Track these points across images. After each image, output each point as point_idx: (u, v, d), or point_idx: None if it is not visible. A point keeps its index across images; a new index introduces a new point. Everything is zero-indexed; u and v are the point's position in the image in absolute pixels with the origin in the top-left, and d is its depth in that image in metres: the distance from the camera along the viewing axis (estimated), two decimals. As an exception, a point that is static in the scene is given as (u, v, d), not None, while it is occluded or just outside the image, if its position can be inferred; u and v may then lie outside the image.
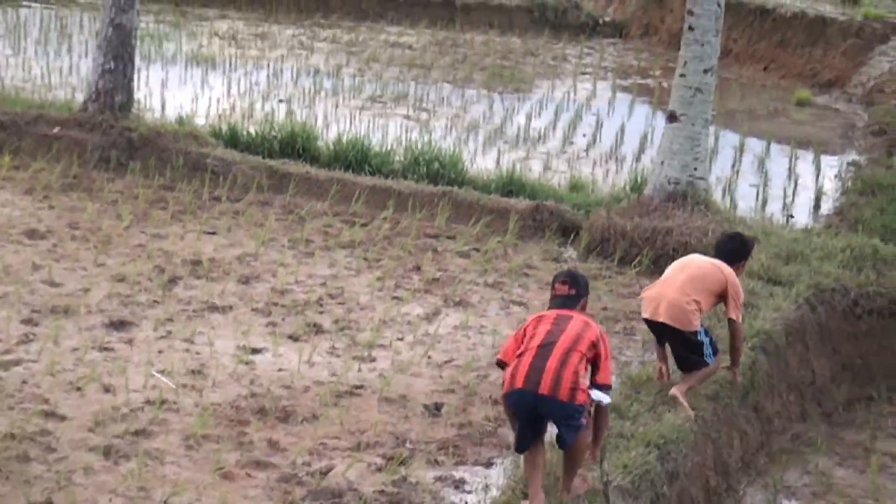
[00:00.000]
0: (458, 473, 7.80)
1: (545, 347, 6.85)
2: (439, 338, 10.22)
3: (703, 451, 8.11)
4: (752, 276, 10.95)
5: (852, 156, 18.69)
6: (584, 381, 6.85)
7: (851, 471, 8.98)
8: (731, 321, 8.74)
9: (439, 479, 7.68)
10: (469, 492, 7.58)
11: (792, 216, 15.37)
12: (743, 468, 8.70)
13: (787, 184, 16.83)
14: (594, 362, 6.97)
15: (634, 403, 8.18)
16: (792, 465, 8.98)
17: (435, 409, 8.74)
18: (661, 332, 8.71)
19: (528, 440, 6.86)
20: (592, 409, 6.99)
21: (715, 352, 8.68)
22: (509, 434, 8.22)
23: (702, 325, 8.59)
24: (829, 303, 10.85)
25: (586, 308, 7.50)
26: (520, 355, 6.92)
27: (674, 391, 8.51)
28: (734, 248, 9.05)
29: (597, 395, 6.91)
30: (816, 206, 15.95)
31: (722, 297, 8.72)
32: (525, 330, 7.11)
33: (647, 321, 8.75)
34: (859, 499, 8.41)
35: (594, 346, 6.94)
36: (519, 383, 6.79)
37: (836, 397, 10.36)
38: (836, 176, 17.26)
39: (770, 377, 9.57)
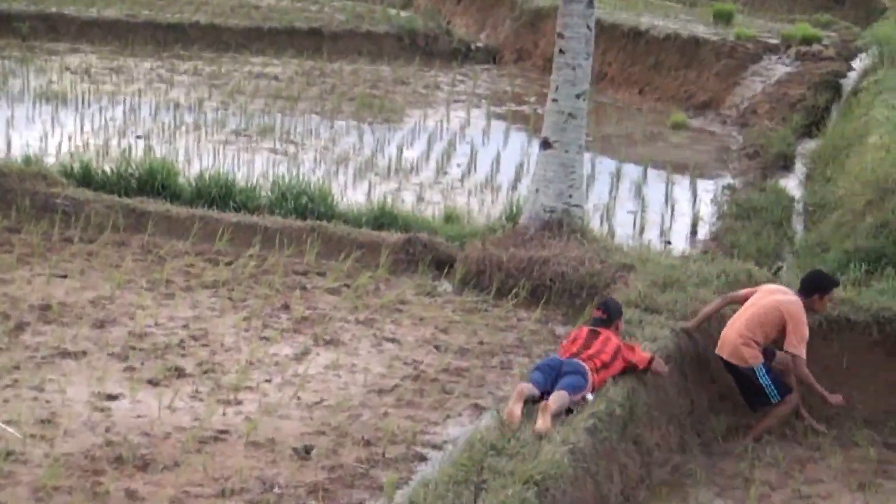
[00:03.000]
0: (330, 518, 7.47)
1: (583, 348, 9.31)
2: (309, 378, 9.89)
3: (582, 486, 7.87)
4: (629, 305, 10.81)
5: (727, 179, 18.84)
6: (595, 377, 9.06)
7: (731, 502, 8.85)
8: (790, 354, 9.90)
9: (309, 524, 7.34)
10: (341, 537, 7.27)
11: (669, 243, 15.35)
12: (623, 503, 8.46)
13: (665, 209, 16.85)
14: (626, 361, 9.40)
15: (512, 440, 7.88)
16: (672, 497, 8.81)
17: (304, 452, 8.43)
18: (728, 368, 10.14)
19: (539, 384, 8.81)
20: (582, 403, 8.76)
21: (782, 392, 9.95)
22: (381, 475, 8.12)
23: (763, 366, 9.90)
24: (705, 330, 10.72)
25: (620, 327, 9.82)
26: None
27: (747, 440, 9.90)
28: (811, 280, 10.32)
29: (589, 397, 8.89)
30: (693, 232, 16.00)
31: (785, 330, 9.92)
32: (576, 337, 9.56)
33: (719, 357, 10.20)
34: (740, 530, 8.24)
35: (615, 354, 9.32)
36: (561, 356, 9.30)
37: (715, 427, 10.21)
38: (711, 200, 17.36)
39: (649, 408, 9.40)
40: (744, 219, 15.70)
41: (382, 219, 14.42)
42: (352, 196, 16.00)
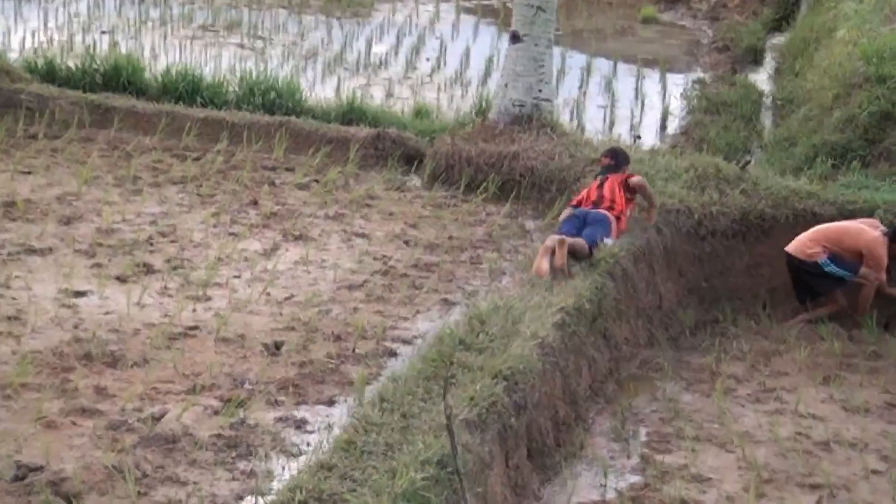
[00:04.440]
0: (300, 413, 7.47)
1: (598, 201, 10.14)
2: (278, 274, 9.84)
3: (551, 380, 7.89)
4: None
5: (698, 73, 18.81)
6: (616, 218, 9.97)
7: (698, 395, 8.88)
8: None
9: (280, 419, 7.35)
10: (311, 431, 7.27)
11: (639, 137, 15.34)
12: (592, 396, 8.53)
13: (635, 104, 16.83)
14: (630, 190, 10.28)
15: (481, 334, 7.89)
16: (640, 391, 8.87)
17: (274, 348, 8.39)
18: (790, 266, 10.44)
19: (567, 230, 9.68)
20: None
21: (853, 271, 10.26)
22: (351, 371, 8.09)
23: (829, 258, 10.21)
24: (674, 224, 10.76)
25: (627, 173, 10.44)
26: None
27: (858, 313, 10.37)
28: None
29: (608, 241, 9.73)
30: (663, 126, 15.99)
31: (861, 256, 10.23)
32: (588, 192, 10.36)
33: (786, 255, 10.46)
34: (705, 423, 8.30)
35: (619, 194, 10.16)
36: (583, 205, 10.17)
37: (683, 321, 10.30)
38: (681, 94, 17.33)
39: (618, 302, 9.43)
40: (713, 113, 15.69)
41: (351, 114, 14.32)
42: (320, 91, 15.89)
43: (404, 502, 5.70)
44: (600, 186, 10.32)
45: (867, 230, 10.38)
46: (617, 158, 10.65)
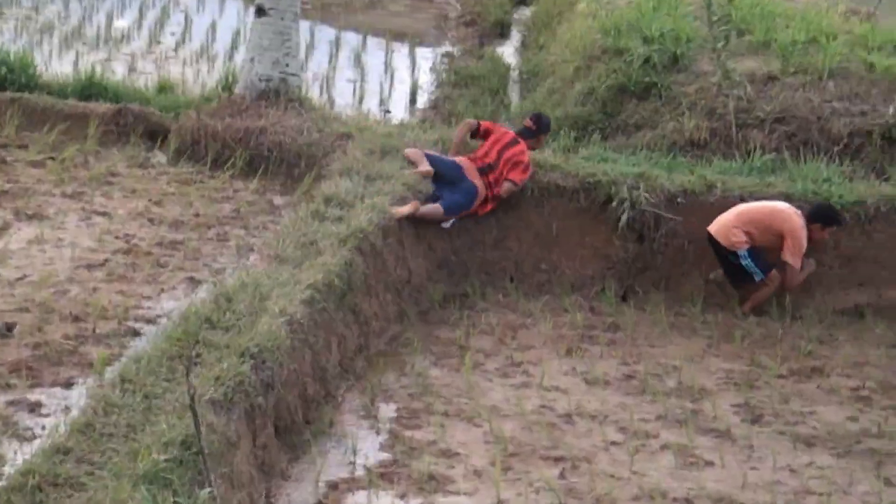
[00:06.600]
0: (34, 396, 7.22)
1: (495, 163, 10.73)
2: (10, 253, 9.43)
3: (300, 358, 7.80)
4: (347, 173, 10.72)
5: (446, 47, 18.87)
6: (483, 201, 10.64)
7: (447, 370, 8.91)
8: (783, 262, 10.33)
9: (11, 403, 7.08)
10: (46, 415, 7.03)
11: (389, 111, 15.34)
12: (341, 373, 8.46)
13: (384, 78, 16.80)
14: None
15: (228, 312, 7.72)
16: (390, 367, 8.85)
17: (6, 330, 8.04)
18: (712, 246, 10.48)
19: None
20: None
21: (765, 270, 10.34)
22: (91, 352, 7.84)
23: (748, 251, 10.27)
24: (423, 199, 10.74)
25: (542, 142, 11.21)
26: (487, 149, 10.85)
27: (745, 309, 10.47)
28: (817, 209, 10.50)
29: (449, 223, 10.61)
30: (412, 100, 16.01)
31: (782, 241, 10.28)
32: (494, 128, 11.07)
33: (708, 234, 10.49)
34: (454, 398, 8.34)
35: (515, 157, 10.69)
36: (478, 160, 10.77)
37: (433, 295, 10.31)
38: (430, 68, 17.39)
39: (367, 278, 9.37)
40: (462, 87, 15.84)
41: (91, 89, 13.77)
42: (57, 67, 15.22)
43: (146, 484, 5.54)
44: (506, 148, 10.79)
45: (795, 217, 10.40)
46: (538, 125, 11.10)
